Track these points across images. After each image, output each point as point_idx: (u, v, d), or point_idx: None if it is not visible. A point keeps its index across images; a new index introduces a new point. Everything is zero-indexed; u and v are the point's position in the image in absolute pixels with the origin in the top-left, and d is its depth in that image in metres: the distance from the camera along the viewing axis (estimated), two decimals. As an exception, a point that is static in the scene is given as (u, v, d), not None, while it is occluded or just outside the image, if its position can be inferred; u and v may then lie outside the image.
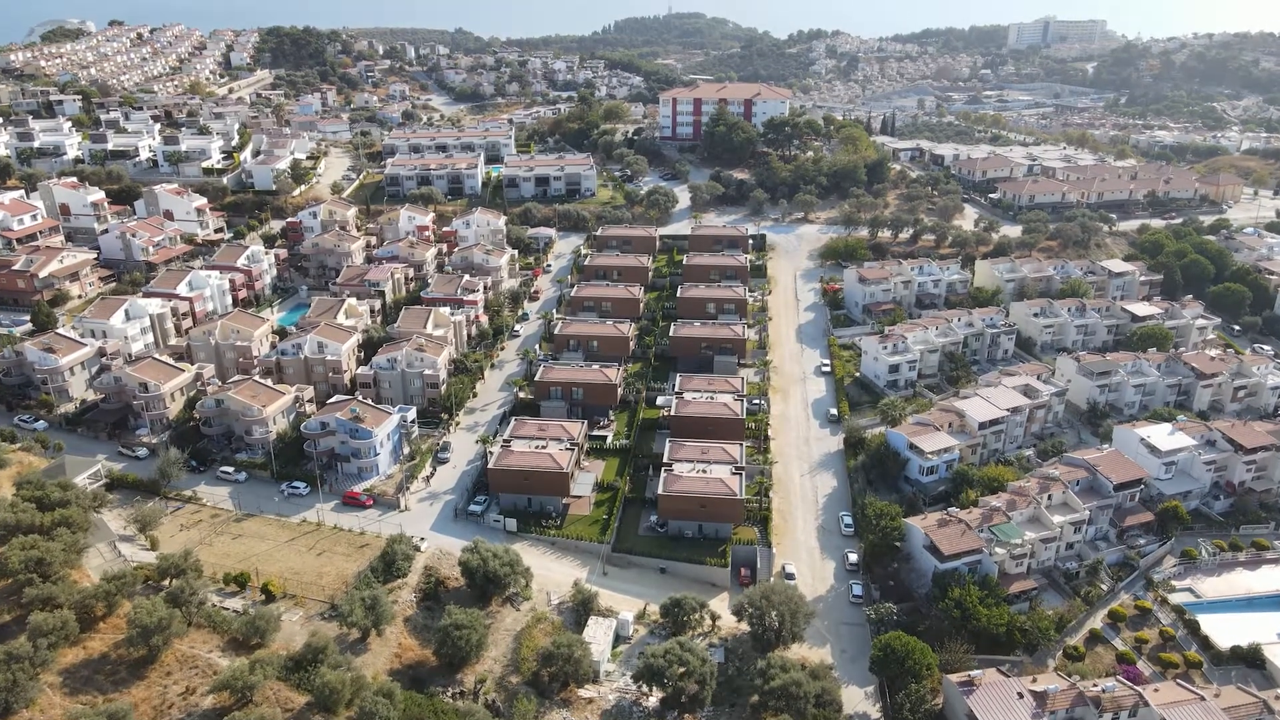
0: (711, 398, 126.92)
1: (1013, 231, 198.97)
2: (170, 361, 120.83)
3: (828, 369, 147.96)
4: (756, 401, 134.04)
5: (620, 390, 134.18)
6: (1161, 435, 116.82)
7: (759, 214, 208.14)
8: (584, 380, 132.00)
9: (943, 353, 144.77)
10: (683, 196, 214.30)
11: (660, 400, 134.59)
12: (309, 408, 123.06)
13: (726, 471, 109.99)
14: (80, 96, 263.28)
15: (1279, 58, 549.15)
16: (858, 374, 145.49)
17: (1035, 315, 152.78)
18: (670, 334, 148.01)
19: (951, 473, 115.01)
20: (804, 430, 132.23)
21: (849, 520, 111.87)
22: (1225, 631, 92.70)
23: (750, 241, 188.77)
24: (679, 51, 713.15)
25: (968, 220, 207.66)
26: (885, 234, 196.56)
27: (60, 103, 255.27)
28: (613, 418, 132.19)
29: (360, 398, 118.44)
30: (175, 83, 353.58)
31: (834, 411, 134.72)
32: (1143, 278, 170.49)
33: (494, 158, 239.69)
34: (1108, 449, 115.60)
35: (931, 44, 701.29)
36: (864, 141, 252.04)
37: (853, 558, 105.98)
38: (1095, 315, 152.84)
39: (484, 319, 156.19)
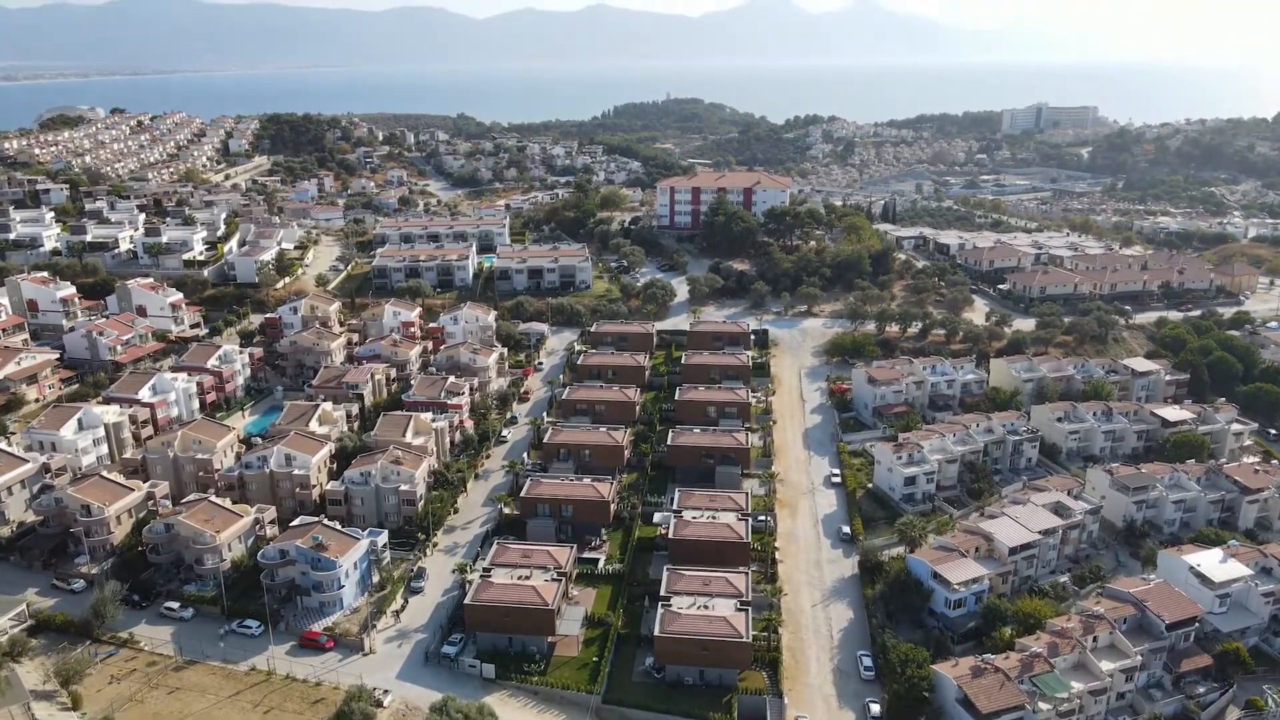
0: (714, 517, 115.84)
1: (1025, 325, 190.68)
2: (118, 480, 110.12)
3: (838, 479, 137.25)
4: (762, 518, 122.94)
5: (614, 507, 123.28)
6: (1213, 563, 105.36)
7: (760, 307, 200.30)
8: (574, 496, 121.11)
9: (962, 462, 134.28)
10: (681, 289, 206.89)
11: (658, 517, 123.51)
12: (271, 530, 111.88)
13: (731, 607, 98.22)
14: (68, 185, 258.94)
15: (1272, 142, 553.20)
16: (870, 485, 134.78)
17: (1059, 420, 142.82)
18: (669, 441, 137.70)
19: (981, 606, 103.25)
20: (814, 551, 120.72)
21: (869, 662, 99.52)
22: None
23: (752, 337, 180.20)
24: (677, 136, 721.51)
25: (978, 313, 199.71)
26: (893, 328, 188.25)
27: (47, 191, 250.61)
28: (605, 537, 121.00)
29: (326, 521, 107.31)
30: (170, 170, 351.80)
31: (847, 530, 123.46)
32: (1168, 377, 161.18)
33: (487, 246, 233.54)
34: (1154, 579, 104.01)
35: (926, 129, 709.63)
36: (867, 230, 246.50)
37: (875, 709, 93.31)
38: (1123, 420, 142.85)
39: (469, 424, 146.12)
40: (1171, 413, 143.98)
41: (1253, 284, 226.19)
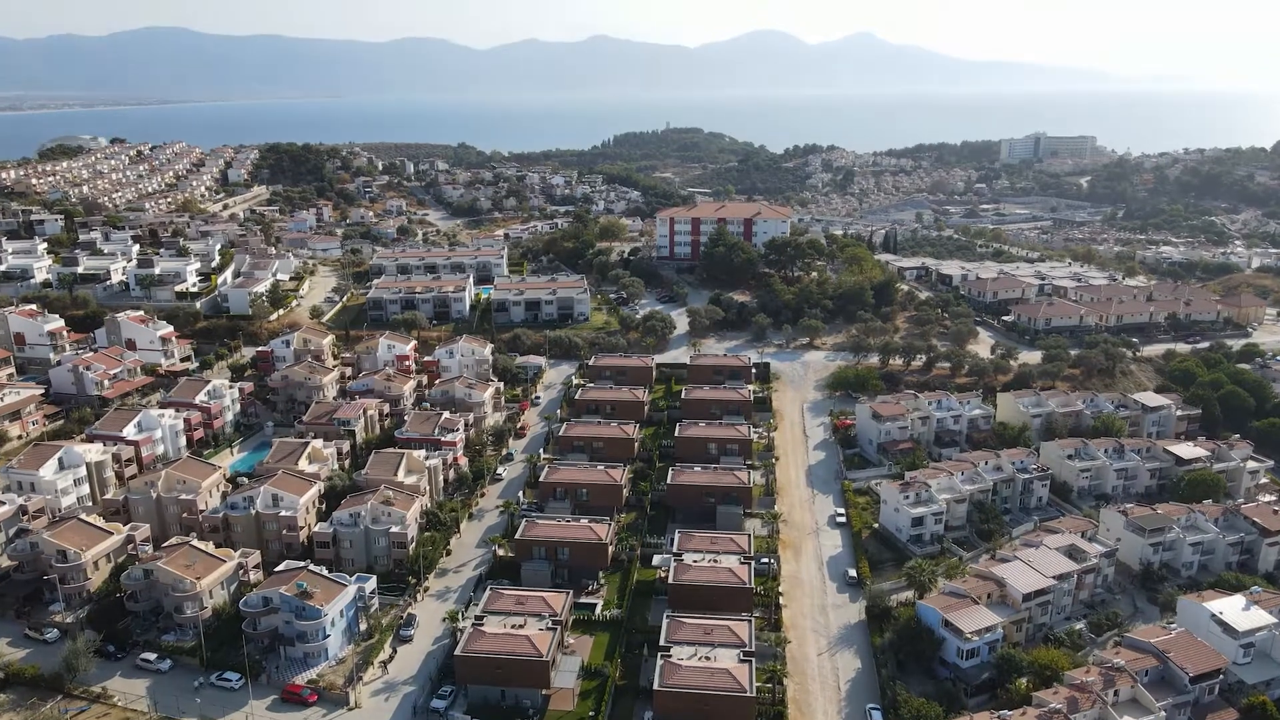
0: (715, 560, 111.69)
1: (1031, 358, 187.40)
2: (97, 523, 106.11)
3: (843, 519, 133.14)
4: (765, 560, 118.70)
5: (612, 549, 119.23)
6: (1235, 610, 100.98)
7: (761, 339, 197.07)
8: (571, 538, 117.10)
9: (970, 502, 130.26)
10: (681, 321, 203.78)
11: (657, 560, 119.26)
12: (255, 575, 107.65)
13: (734, 658, 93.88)
14: (63, 215, 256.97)
15: (1272, 171, 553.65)
16: (876, 525, 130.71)
17: (1070, 458, 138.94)
18: (669, 480, 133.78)
19: (995, 656, 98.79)
20: (819, 596, 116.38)
21: (878, 716, 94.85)
22: None
23: (753, 371, 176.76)
24: (677, 165, 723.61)
25: (982, 346, 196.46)
26: (897, 361, 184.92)
27: (41, 222, 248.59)
28: (603, 581, 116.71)
29: (312, 566, 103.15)
30: (168, 200, 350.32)
31: (853, 573, 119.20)
32: (1180, 412, 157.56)
33: (485, 277, 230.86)
34: (1175, 628, 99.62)
35: (925, 158, 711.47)
36: (869, 261, 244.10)
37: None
38: (1136, 458, 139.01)
39: (463, 461, 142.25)
40: (1185, 450, 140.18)
41: (1260, 315, 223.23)
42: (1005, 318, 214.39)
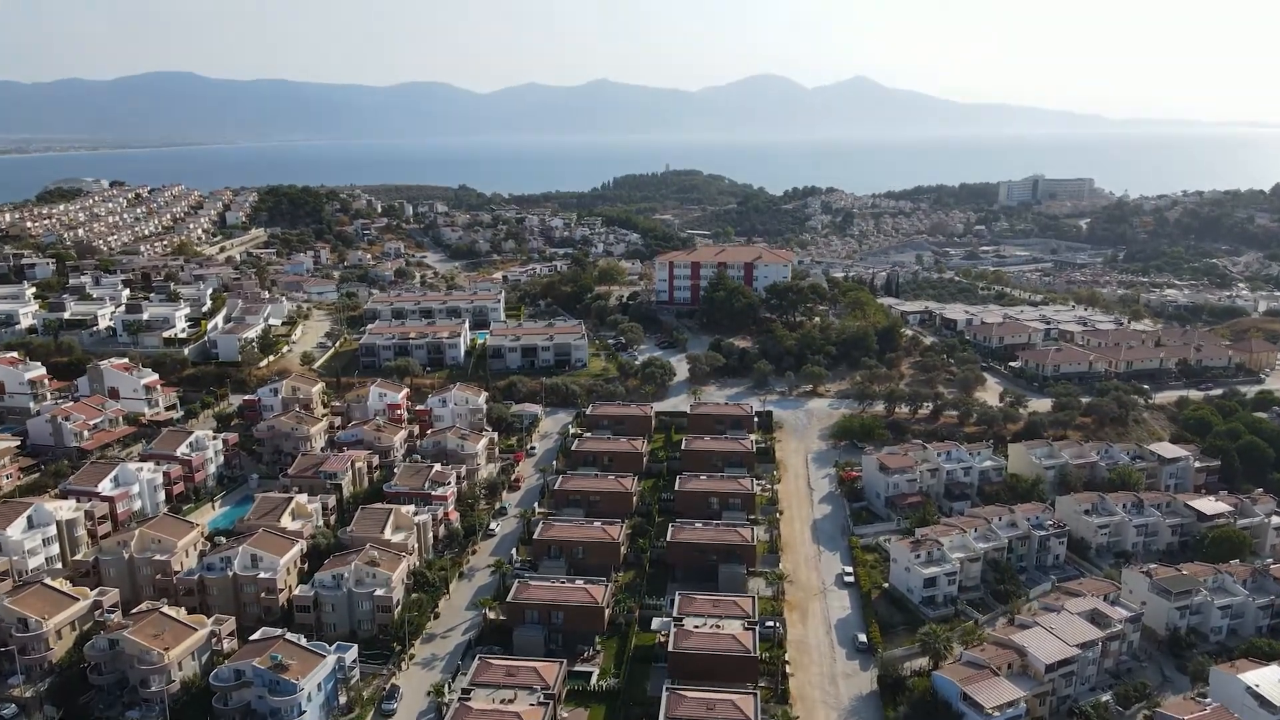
0: (718, 626, 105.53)
1: (1041, 406, 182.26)
2: (62, 588, 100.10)
3: (851, 578, 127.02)
4: (770, 624, 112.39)
5: (609, 612, 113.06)
6: (1272, 683, 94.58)
7: (763, 387, 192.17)
8: (566, 601, 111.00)
9: (985, 560, 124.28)
10: (680, 368, 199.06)
11: (656, 623, 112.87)
12: (229, 643, 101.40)
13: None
14: (54, 259, 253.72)
15: (1271, 214, 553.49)
16: (886, 585, 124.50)
17: (1087, 513, 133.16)
18: (668, 538, 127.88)
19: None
20: (828, 664, 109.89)
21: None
22: None
23: (755, 420, 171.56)
24: (676, 207, 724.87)
25: (990, 393, 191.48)
26: (903, 410, 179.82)
27: (32, 266, 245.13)
28: (599, 647, 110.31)
29: (289, 635, 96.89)
30: (165, 243, 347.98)
31: (863, 638, 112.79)
32: (1198, 464, 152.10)
33: (481, 322, 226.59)
34: (1209, 702, 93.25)
35: (924, 200, 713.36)
36: (871, 305, 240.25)
37: None
38: (1155, 513, 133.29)
39: (454, 516, 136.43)
40: (1207, 505, 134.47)
41: (1272, 360, 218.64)
42: (1012, 364, 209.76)
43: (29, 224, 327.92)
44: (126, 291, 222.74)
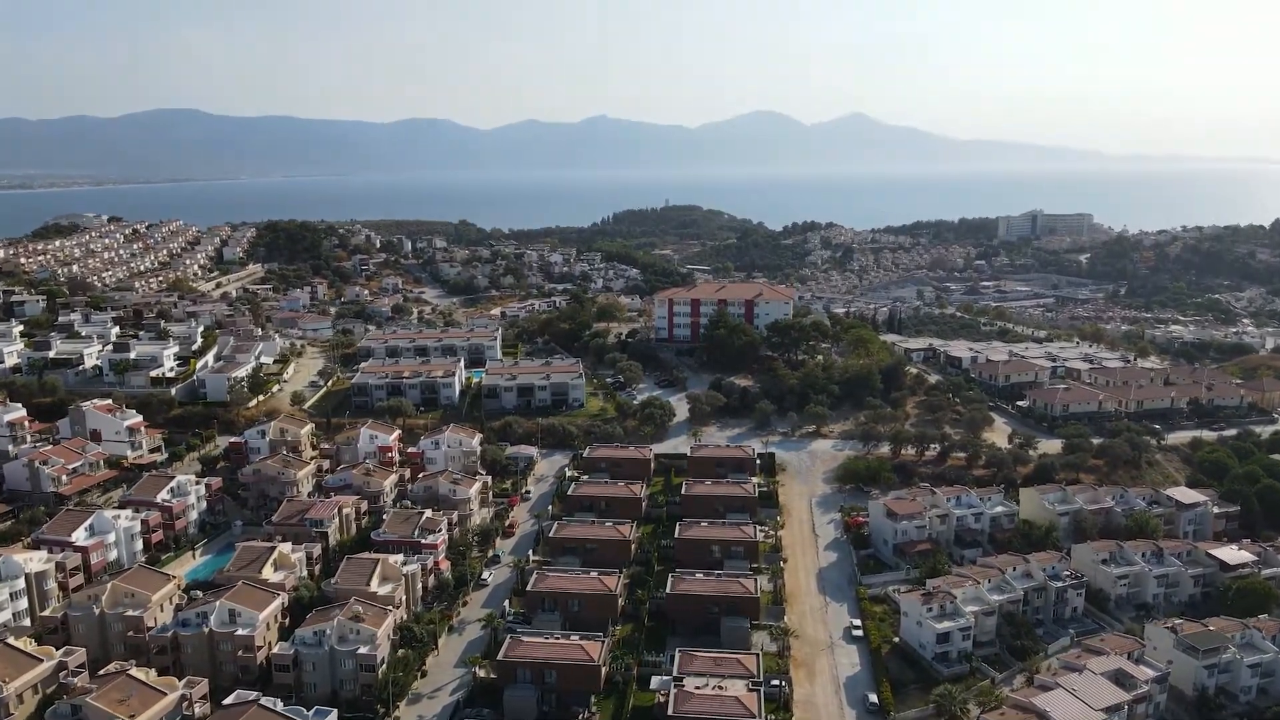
0: (721, 686, 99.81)
1: (1051, 447, 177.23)
2: (25, 648, 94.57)
3: (859, 632, 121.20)
4: (775, 683, 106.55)
5: (605, 670, 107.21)
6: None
7: (765, 427, 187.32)
8: (560, 659, 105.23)
9: (1000, 613, 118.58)
10: (680, 407, 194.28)
11: (656, 682, 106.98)
12: (200, 708, 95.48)
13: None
14: (45, 296, 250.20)
15: (1272, 249, 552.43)
16: (897, 639, 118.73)
17: (1105, 563, 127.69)
18: (668, 589, 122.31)
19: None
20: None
21: None
22: None
23: (757, 462, 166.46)
24: (676, 242, 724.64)
25: (998, 433, 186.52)
26: (909, 451, 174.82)
27: (22, 303, 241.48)
28: (595, 709, 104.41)
29: (264, 701, 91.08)
30: (160, 279, 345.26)
31: (874, 699, 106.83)
32: (1217, 509, 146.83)
33: (477, 360, 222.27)
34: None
35: (923, 235, 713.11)
36: (875, 343, 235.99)
37: None
38: (1176, 563, 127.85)
39: (445, 565, 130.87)
40: (1229, 554, 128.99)
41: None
42: (1020, 403, 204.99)
43: (23, 260, 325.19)
44: (116, 329, 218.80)
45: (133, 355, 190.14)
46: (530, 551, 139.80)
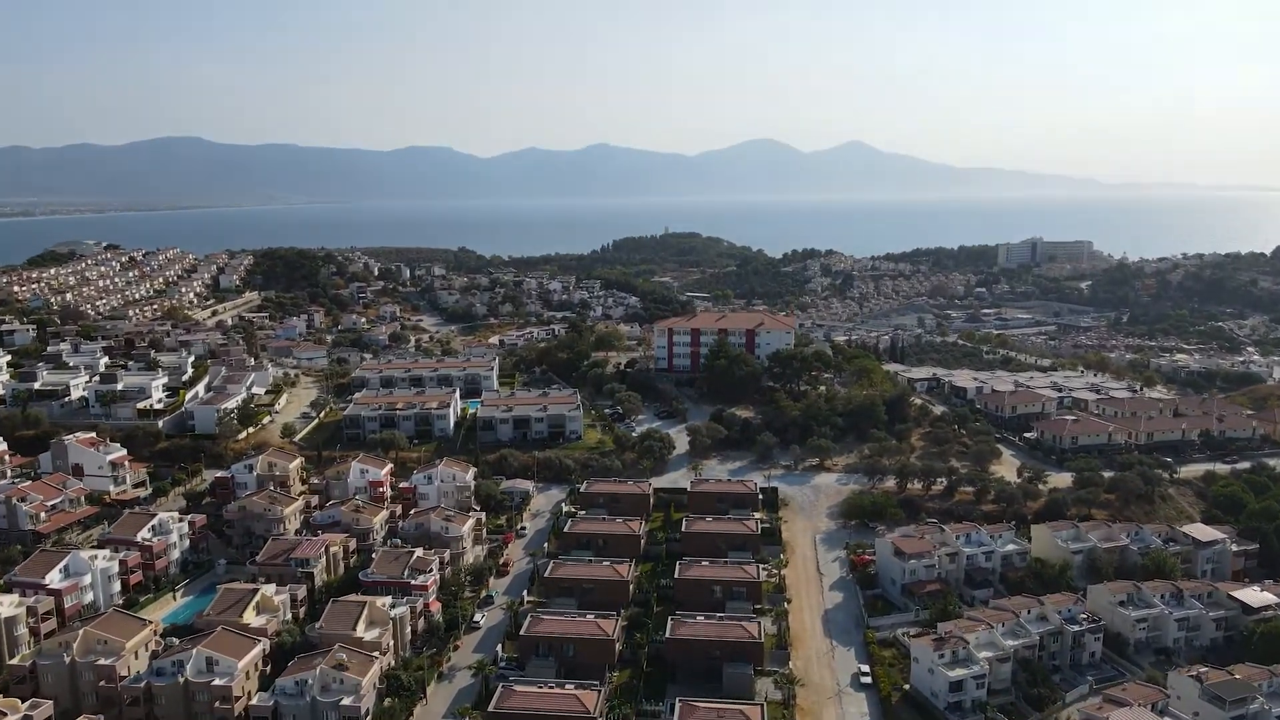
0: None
1: (1061, 481, 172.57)
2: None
3: (868, 678, 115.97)
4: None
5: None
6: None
7: (767, 459, 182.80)
8: (554, 711, 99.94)
9: (1015, 659, 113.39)
10: (680, 439, 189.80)
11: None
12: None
13: None
14: (35, 325, 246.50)
15: (1274, 277, 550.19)
16: (908, 686, 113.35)
17: (1122, 605, 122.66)
18: (668, 633, 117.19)
19: None
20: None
21: None
22: None
23: (759, 497, 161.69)
24: (675, 269, 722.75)
25: (1006, 466, 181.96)
26: (915, 485, 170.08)
27: (12, 332, 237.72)
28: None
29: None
30: (155, 306, 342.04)
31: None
32: (1235, 547, 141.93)
33: (473, 390, 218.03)
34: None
35: (923, 262, 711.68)
36: (878, 373, 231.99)
37: None
38: (1197, 605, 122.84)
39: (436, 607, 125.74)
40: (1251, 596, 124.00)
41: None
42: (1027, 435, 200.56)
43: (16, 288, 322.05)
44: (105, 359, 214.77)
45: (120, 386, 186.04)
46: (525, 592, 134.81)
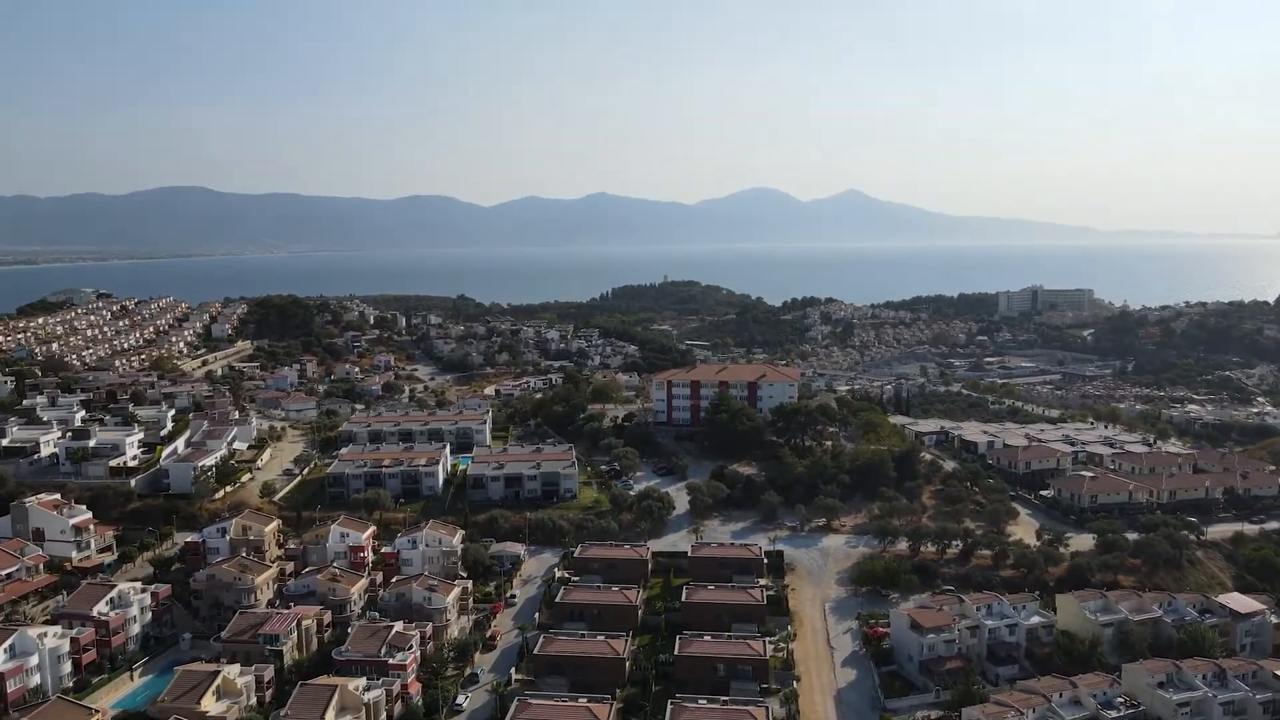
0: None
1: (1081, 543, 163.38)
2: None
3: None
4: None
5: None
6: None
7: (772, 520, 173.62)
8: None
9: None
10: (680, 498, 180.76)
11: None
12: None
13: None
14: (14, 377, 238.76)
15: (1279, 325, 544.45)
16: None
17: (1160, 687, 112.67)
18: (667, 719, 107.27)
19: None
20: None
21: None
22: None
23: (764, 562, 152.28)
24: (675, 317, 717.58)
25: (1023, 527, 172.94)
26: (929, 548, 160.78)
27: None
28: None
29: None
30: (144, 356, 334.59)
31: None
32: (1275, 618, 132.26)
33: (465, 444, 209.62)
34: None
35: (924, 310, 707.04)
36: (885, 427, 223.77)
37: None
38: (1243, 687, 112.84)
39: (415, 688, 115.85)
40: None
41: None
42: (1043, 493, 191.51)
43: (1, 338, 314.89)
44: (82, 413, 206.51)
45: (92, 443, 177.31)
46: (513, 669, 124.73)
